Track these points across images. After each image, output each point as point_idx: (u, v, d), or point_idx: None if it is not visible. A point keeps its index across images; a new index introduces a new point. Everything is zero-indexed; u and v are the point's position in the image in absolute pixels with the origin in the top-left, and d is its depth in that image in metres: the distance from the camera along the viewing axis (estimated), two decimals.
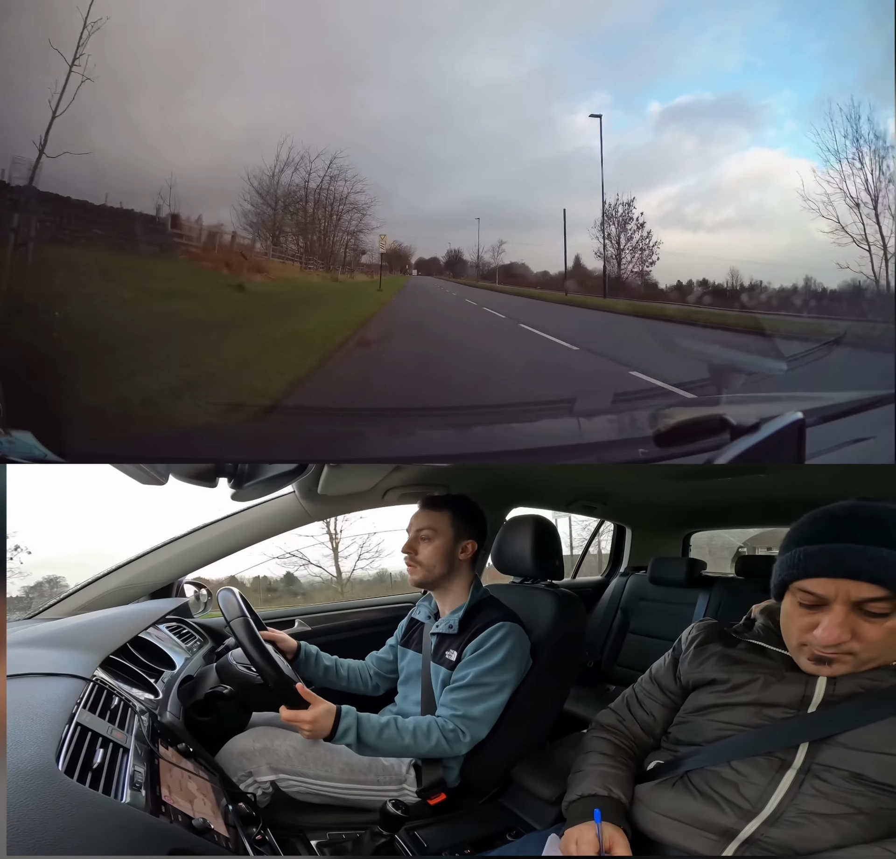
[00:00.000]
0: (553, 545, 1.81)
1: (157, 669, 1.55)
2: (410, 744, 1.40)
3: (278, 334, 2.28)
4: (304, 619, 2.35)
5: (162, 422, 1.48)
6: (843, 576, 0.96)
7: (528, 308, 3.44)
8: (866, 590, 0.95)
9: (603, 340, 3.06)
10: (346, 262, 3.22)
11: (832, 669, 1.02)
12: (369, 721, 1.37)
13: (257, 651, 1.36)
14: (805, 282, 3.10)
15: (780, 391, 1.67)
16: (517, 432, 1.53)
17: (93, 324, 1.74)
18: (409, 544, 1.68)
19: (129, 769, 0.91)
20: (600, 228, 3.45)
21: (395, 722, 1.40)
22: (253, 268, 2.69)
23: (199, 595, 2.17)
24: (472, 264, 3.60)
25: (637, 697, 1.30)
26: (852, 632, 0.97)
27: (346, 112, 2.94)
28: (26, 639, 1.28)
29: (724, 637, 1.21)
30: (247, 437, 1.44)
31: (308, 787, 1.43)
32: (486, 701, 1.48)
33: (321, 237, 3.11)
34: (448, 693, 1.51)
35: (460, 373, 2.22)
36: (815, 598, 0.99)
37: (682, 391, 1.76)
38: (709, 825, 1.04)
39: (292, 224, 3.03)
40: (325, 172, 2.97)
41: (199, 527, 2.09)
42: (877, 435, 1.24)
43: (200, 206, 2.55)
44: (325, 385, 1.98)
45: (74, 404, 1.38)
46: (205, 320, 2.19)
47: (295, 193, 2.98)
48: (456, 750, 1.45)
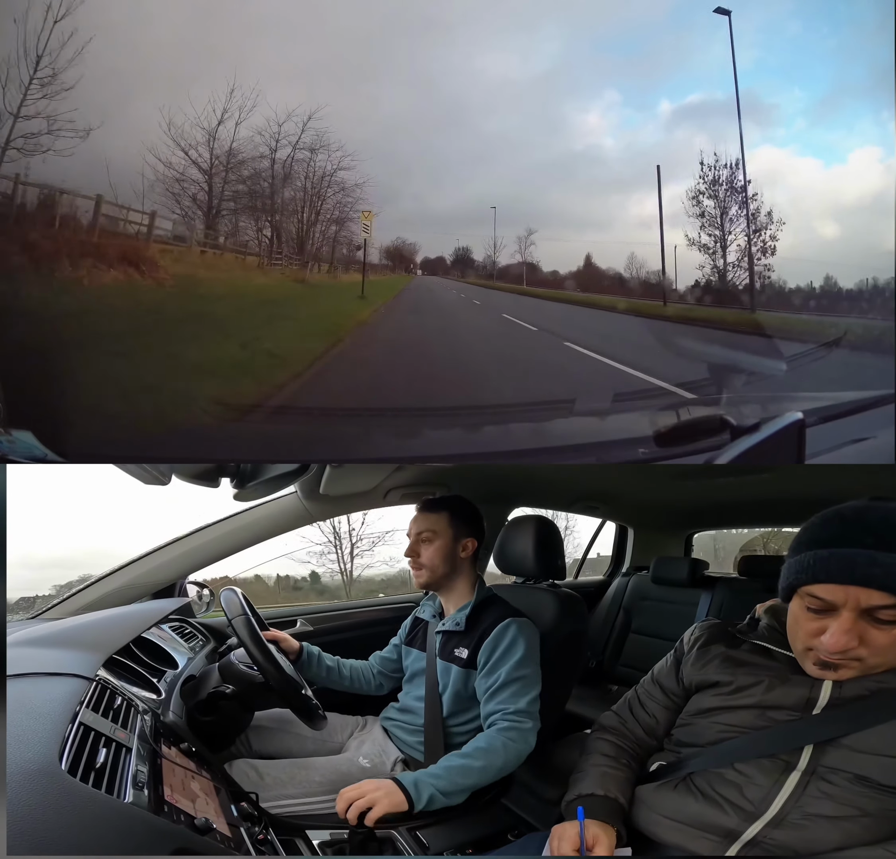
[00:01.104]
0: (555, 545, 1.81)
1: (160, 669, 1.56)
2: (485, 764, 1.34)
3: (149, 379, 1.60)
4: (306, 619, 2.35)
5: (162, 422, 1.48)
6: (854, 583, 0.93)
7: (564, 316, 3.15)
8: (877, 597, 0.93)
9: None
10: (322, 257, 2.42)
11: (838, 674, 1.01)
12: (431, 773, 1.29)
13: (258, 649, 1.37)
14: (809, 281, 3.10)
15: (780, 391, 1.67)
16: (517, 432, 1.53)
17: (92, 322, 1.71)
18: (411, 548, 1.69)
19: (131, 768, 0.91)
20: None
21: (453, 756, 1.35)
22: (152, 263, 1.98)
23: (202, 595, 2.18)
24: (484, 262, 3.32)
25: (639, 699, 1.30)
26: (860, 639, 0.96)
27: (355, 109, 2.86)
28: (29, 639, 1.29)
29: (728, 637, 1.20)
30: (248, 438, 1.44)
31: (293, 810, 1.41)
32: (528, 693, 1.47)
33: (297, 224, 2.29)
34: (489, 700, 1.48)
35: (461, 374, 2.21)
36: (823, 604, 0.97)
37: (682, 391, 1.76)
38: (711, 827, 1.03)
39: (245, 201, 2.21)
40: (298, 137, 2.25)
41: (202, 527, 2.09)
42: (877, 435, 1.24)
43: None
44: (327, 385, 1.98)
45: (74, 404, 1.38)
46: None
47: (250, 161, 2.24)
48: (527, 741, 1.41)
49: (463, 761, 1.33)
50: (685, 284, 3.43)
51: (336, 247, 2.48)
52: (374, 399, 1.97)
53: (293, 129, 2.39)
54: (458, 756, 1.35)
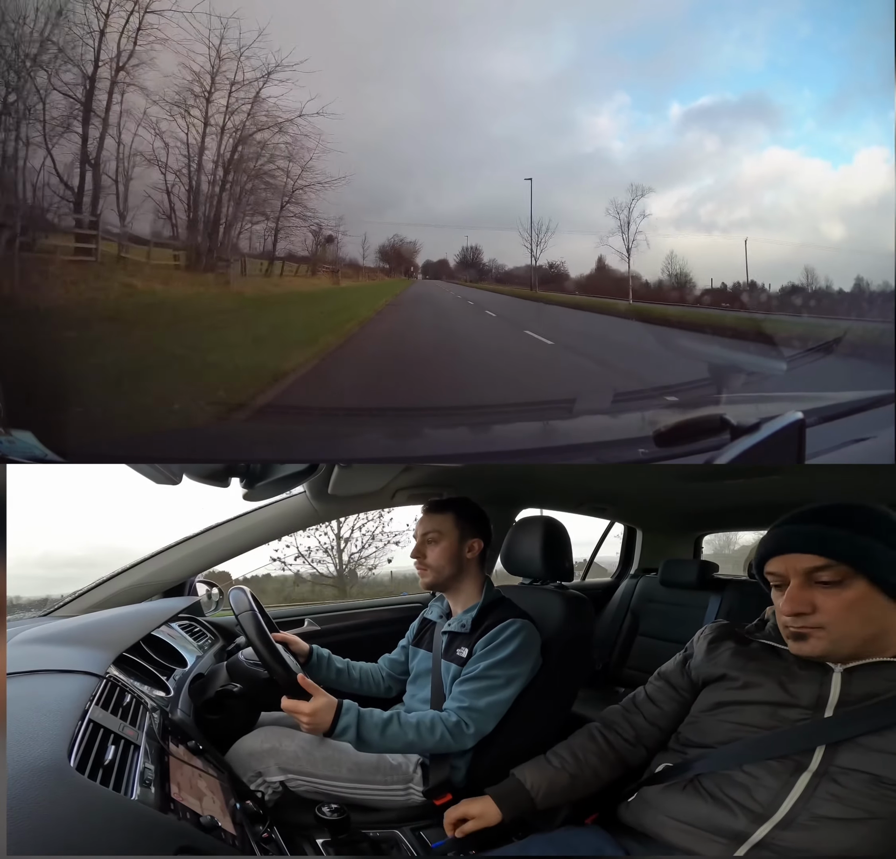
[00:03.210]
0: (562, 546, 1.81)
1: (169, 667, 1.57)
2: (415, 740, 1.40)
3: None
4: (313, 619, 2.36)
5: (163, 423, 1.49)
6: (788, 552, 1.07)
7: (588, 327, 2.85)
8: (808, 560, 1.04)
9: None
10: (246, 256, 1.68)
11: (811, 645, 1.05)
12: (371, 717, 1.36)
13: (262, 643, 1.38)
14: (813, 281, 3.07)
15: (780, 391, 1.66)
16: (517, 432, 1.54)
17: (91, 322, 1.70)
18: (417, 548, 1.70)
19: (139, 766, 0.92)
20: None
21: (397, 717, 1.40)
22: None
23: (211, 594, 2.21)
24: (490, 265, 3.17)
25: (646, 692, 1.31)
26: (812, 605, 1.04)
27: (360, 111, 2.84)
28: (41, 637, 1.31)
29: (737, 636, 1.21)
30: (251, 437, 1.46)
31: (316, 787, 1.44)
32: (493, 694, 1.48)
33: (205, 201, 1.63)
34: (456, 686, 1.52)
35: (462, 373, 2.18)
36: (777, 578, 1.09)
37: (683, 390, 1.75)
38: (719, 829, 1.03)
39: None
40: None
41: (212, 526, 2.12)
42: (877, 435, 1.24)
43: None
44: (329, 385, 1.97)
45: (74, 404, 1.39)
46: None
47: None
48: (461, 743, 1.45)
49: (399, 729, 1.39)
50: (703, 286, 3.41)
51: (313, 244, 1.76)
52: (375, 399, 1.97)
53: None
54: (399, 723, 1.40)
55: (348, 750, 1.44)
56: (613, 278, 3.41)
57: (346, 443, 1.41)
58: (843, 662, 1.06)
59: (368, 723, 1.35)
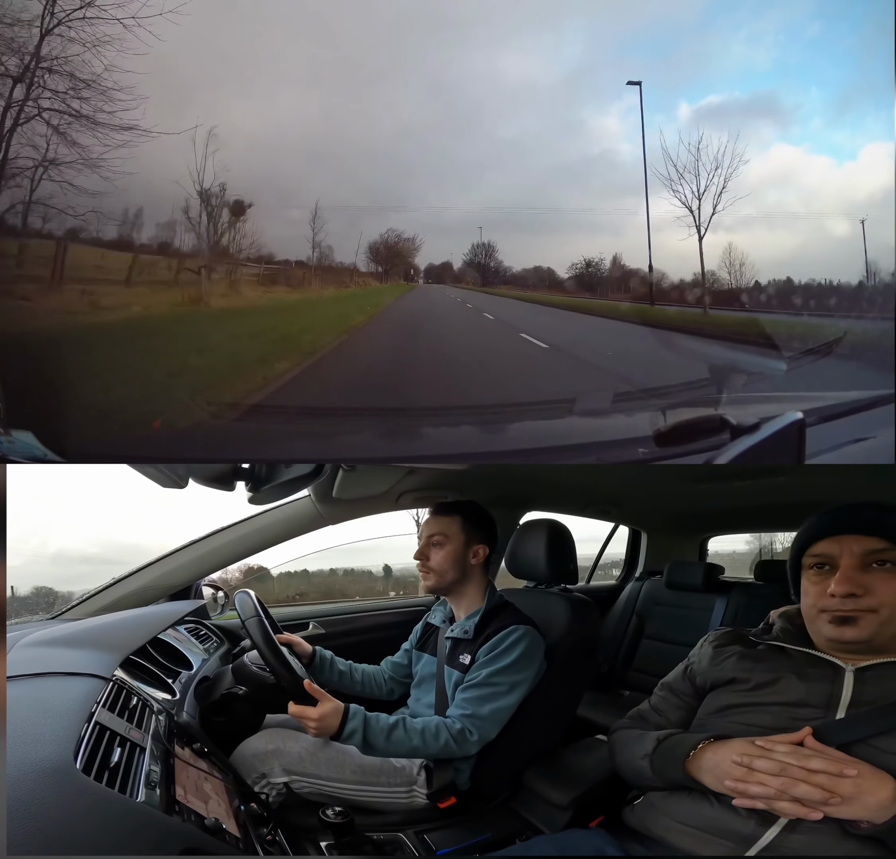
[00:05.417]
0: (567, 549, 1.80)
1: (175, 670, 1.58)
2: (419, 746, 1.40)
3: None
4: (318, 622, 2.37)
5: (164, 423, 1.49)
6: (844, 533, 1.06)
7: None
8: (868, 542, 1.03)
9: None
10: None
11: (858, 628, 1.04)
12: (378, 722, 1.37)
13: (269, 649, 1.38)
14: (814, 281, 3.06)
15: (780, 391, 1.66)
16: (517, 432, 1.53)
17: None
18: (421, 551, 1.69)
19: (145, 768, 0.93)
20: None
21: (403, 723, 1.40)
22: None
23: (217, 597, 2.21)
24: (496, 267, 3.19)
25: (650, 703, 1.31)
26: (864, 587, 1.03)
27: (368, 114, 2.81)
28: (48, 639, 1.32)
29: (743, 640, 1.20)
30: (249, 438, 1.46)
31: (319, 789, 1.44)
32: (496, 701, 1.48)
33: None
34: (459, 693, 1.52)
35: (464, 372, 2.17)
36: (823, 559, 1.08)
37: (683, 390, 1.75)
38: (726, 832, 1.02)
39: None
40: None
41: (218, 530, 2.13)
42: (877, 435, 1.24)
43: None
44: (330, 385, 1.98)
45: (74, 404, 1.40)
46: None
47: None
48: (465, 750, 1.45)
49: (404, 734, 1.38)
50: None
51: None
52: (375, 399, 1.98)
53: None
54: (405, 728, 1.39)
55: (352, 752, 1.44)
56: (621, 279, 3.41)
57: (346, 443, 1.41)
58: (870, 655, 1.05)
59: (374, 728, 1.35)
